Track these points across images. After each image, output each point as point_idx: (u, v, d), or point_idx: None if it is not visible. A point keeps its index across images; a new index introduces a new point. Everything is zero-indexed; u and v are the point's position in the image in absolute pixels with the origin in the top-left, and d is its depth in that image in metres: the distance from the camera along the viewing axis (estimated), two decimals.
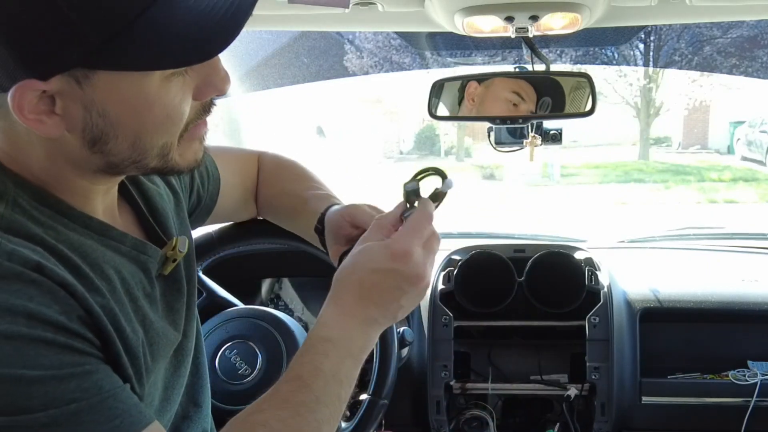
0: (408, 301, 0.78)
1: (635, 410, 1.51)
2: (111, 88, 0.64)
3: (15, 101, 0.62)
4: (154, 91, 0.65)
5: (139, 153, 0.69)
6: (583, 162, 11.58)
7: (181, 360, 0.85)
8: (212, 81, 0.70)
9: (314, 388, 0.72)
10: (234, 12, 0.63)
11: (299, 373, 0.73)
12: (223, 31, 0.63)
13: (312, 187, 1.11)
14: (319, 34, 1.88)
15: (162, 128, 0.68)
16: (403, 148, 13.52)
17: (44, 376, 0.59)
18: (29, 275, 0.61)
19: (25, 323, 0.59)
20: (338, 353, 0.74)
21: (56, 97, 0.63)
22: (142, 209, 0.85)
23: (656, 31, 2.32)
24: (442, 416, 1.50)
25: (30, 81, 0.61)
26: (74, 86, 0.63)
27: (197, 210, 1.05)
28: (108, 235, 0.74)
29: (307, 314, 1.85)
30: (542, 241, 1.85)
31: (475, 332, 1.63)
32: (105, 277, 0.71)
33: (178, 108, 0.68)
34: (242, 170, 1.15)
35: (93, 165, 0.70)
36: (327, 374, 0.73)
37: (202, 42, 0.63)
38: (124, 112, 0.65)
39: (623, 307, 1.54)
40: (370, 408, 1.17)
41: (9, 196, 0.67)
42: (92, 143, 0.67)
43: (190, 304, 0.89)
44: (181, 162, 0.73)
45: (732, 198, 9.27)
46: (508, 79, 1.34)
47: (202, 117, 0.74)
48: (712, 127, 13.60)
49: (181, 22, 0.61)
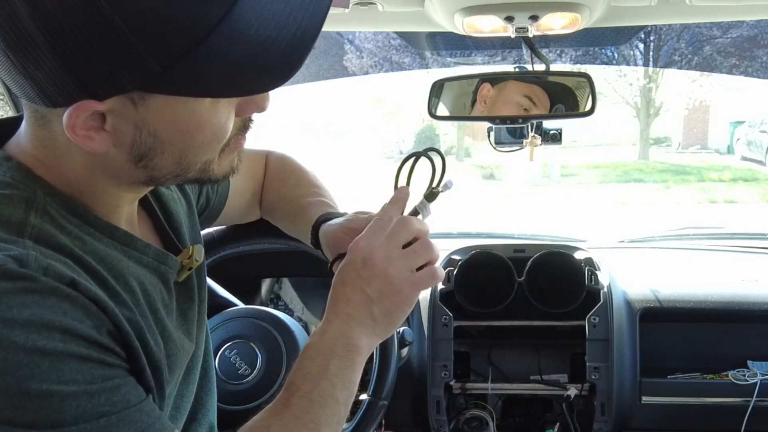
0: (382, 307, 0.80)
1: (635, 410, 1.51)
2: (165, 110, 0.64)
3: (70, 120, 0.61)
4: (205, 113, 0.66)
5: (183, 168, 0.70)
6: (582, 162, 11.58)
7: (191, 368, 0.85)
8: (254, 99, 0.71)
9: (305, 391, 0.75)
10: (295, 46, 0.63)
11: (292, 379, 0.78)
12: (283, 67, 0.63)
13: (312, 193, 1.11)
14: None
15: (208, 147, 0.69)
16: (403, 148, 13.51)
17: (77, 391, 0.60)
18: (64, 290, 0.62)
19: (60, 338, 0.60)
20: (323, 355, 0.78)
21: (107, 115, 0.63)
22: (158, 215, 0.85)
23: (656, 31, 2.33)
24: (442, 416, 1.50)
25: (87, 102, 0.61)
26: (129, 107, 0.63)
27: (205, 213, 1.05)
28: (132, 246, 0.74)
29: (307, 314, 1.85)
30: (542, 241, 1.85)
31: (475, 332, 1.63)
32: (129, 289, 0.71)
33: (224, 127, 0.69)
34: (251, 173, 1.14)
35: (134, 178, 0.70)
36: (315, 376, 0.77)
37: (260, 75, 0.63)
38: (174, 132, 0.66)
39: (623, 307, 1.54)
40: (369, 409, 1.17)
41: (39, 204, 0.67)
42: (138, 159, 0.67)
43: (202, 311, 0.89)
44: (219, 173, 0.74)
45: (732, 198, 9.27)
46: (521, 84, 1.34)
47: (242, 132, 0.74)
48: (712, 127, 13.61)
49: (239, 54, 0.61)
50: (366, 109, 13.51)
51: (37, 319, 0.59)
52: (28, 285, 0.60)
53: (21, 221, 0.64)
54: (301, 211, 1.08)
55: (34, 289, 0.60)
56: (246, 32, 0.61)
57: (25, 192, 0.66)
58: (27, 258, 0.61)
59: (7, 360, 0.58)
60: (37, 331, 0.59)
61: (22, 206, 0.65)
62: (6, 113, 1.42)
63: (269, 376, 1.18)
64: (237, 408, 1.16)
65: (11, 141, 0.72)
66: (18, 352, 0.58)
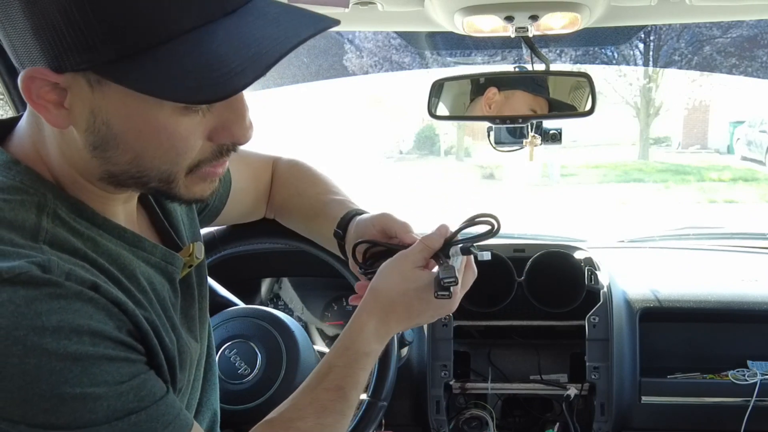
0: (428, 319, 0.93)
1: (635, 410, 1.50)
2: (120, 102, 0.63)
3: (24, 82, 0.62)
4: (163, 120, 0.65)
5: (138, 170, 0.68)
6: (582, 162, 11.58)
7: (197, 364, 0.86)
8: (230, 127, 0.69)
9: (350, 399, 0.84)
10: (246, 67, 0.61)
11: (341, 384, 0.84)
12: (225, 84, 0.61)
13: (330, 191, 1.11)
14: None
15: (165, 156, 0.67)
16: (402, 148, 13.52)
17: (108, 391, 0.62)
18: (87, 294, 0.63)
19: (89, 342, 0.61)
20: (372, 364, 0.88)
21: (68, 92, 0.63)
22: (157, 213, 0.86)
23: (656, 31, 2.33)
24: (442, 416, 1.50)
25: (43, 69, 0.61)
26: (85, 87, 0.63)
27: (205, 212, 1.05)
28: (140, 246, 0.75)
29: (306, 314, 1.85)
30: (542, 241, 1.85)
31: (474, 332, 1.63)
32: (141, 289, 0.72)
33: (185, 143, 0.67)
34: (255, 175, 1.15)
35: (94, 169, 0.69)
36: (360, 385, 0.86)
37: (205, 85, 0.61)
38: (128, 128, 0.65)
39: (623, 307, 1.54)
40: (369, 409, 1.17)
41: (49, 208, 0.67)
42: (93, 146, 0.67)
43: (203, 307, 0.90)
44: (185, 194, 0.72)
45: (732, 198, 9.28)
46: (528, 96, 1.34)
47: (217, 159, 0.71)
48: (712, 127, 13.62)
49: (193, 62, 0.61)
50: (366, 109, 13.51)
51: (66, 324, 0.60)
52: (53, 291, 0.60)
53: (35, 226, 0.65)
54: (322, 207, 1.09)
55: (60, 295, 0.61)
56: (208, 45, 0.61)
57: (36, 196, 0.67)
58: (49, 264, 0.61)
59: (41, 367, 0.59)
60: (67, 336, 0.60)
61: (33, 211, 0.66)
62: (6, 113, 1.42)
63: (269, 375, 1.18)
64: (237, 407, 1.16)
65: (13, 140, 0.72)
66: (51, 359, 0.59)
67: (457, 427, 1.54)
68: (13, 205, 0.65)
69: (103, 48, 0.59)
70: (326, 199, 1.09)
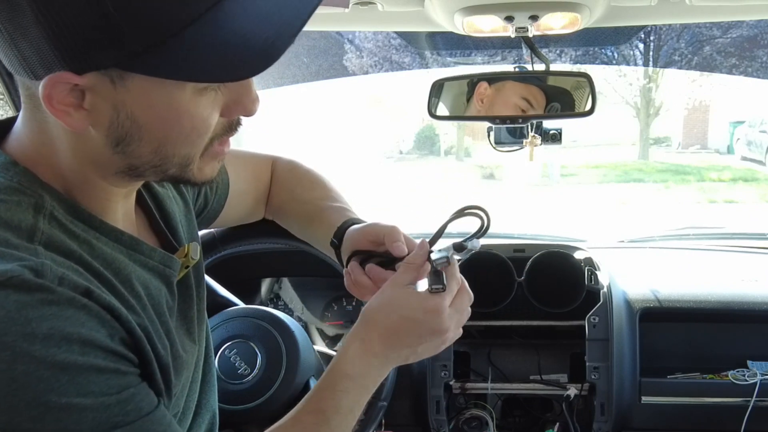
0: (424, 351, 0.89)
1: (635, 410, 1.50)
2: (143, 93, 0.63)
3: (46, 90, 0.61)
4: (185, 102, 0.65)
5: (160, 159, 0.69)
6: (582, 162, 11.58)
7: (195, 366, 0.86)
8: (242, 101, 0.70)
9: (332, 424, 0.81)
10: (274, 41, 0.63)
11: (322, 407, 0.82)
12: (261, 58, 0.63)
13: (328, 197, 1.11)
14: (319, 33, 1.88)
15: (187, 139, 0.68)
16: (402, 148, 13.52)
17: (94, 403, 0.61)
18: (80, 300, 0.62)
19: (79, 351, 0.60)
20: (357, 390, 0.84)
21: (87, 92, 0.63)
22: (154, 214, 0.85)
23: (656, 31, 2.33)
24: (442, 416, 1.50)
25: (65, 74, 0.61)
26: (108, 85, 0.62)
27: (203, 214, 1.05)
28: (138, 250, 0.75)
29: (306, 314, 1.85)
30: (542, 241, 1.85)
31: (474, 332, 1.63)
32: (135, 294, 0.72)
33: (205, 122, 0.68)
34: (253, 176, 1.14)
35: (114, 165, 0.69)
36: (345, 410, 0.82)
37: (239, 64, 0.63)
38: (152, 118, 0.65)
39: (623, 307, 1.54)
40: (368, 409, 1.17)
41: (46, 209, 0.67)
42: (116, 143, 0.67)
43: (201, 308, 0.89)
44: (198, 176, 0.73)
45: (732, 198, 9.27)
46: (519, 85, 1.34)
47: (227, 134, 0.73)
48: (712, 127, 13.61)
49: (222, 42, 0.61)
50: (366, 109, 13.51)
51: (57, 332, 0.59)
52: (45, 296, 0.60)
53: (31, 227, 0.65)
54: (319, 213, 1.08)
55: (52, 301, 0.60)
56: (230, 24, 0.62)
57: (33, 198, 0.67)
58: (42, 268, 0.61)
59: (28, 374, 0.58)
60: (57, 344, 0.59)
61: (30, 212, 0.66)
62: (6, 113, 1.42)
63: (269, 375, 1.18)
64: (237, 408, 1.16)
65: (11, 140, 0.72)
66: (39, 367, 0.58)
67: (457, 427, 1.54)
68: (10, 206, 0.65)
69: (129, 42, 0.59)
70: (323, 205, 1.09)
